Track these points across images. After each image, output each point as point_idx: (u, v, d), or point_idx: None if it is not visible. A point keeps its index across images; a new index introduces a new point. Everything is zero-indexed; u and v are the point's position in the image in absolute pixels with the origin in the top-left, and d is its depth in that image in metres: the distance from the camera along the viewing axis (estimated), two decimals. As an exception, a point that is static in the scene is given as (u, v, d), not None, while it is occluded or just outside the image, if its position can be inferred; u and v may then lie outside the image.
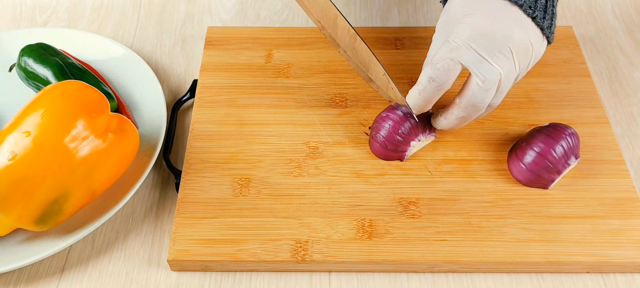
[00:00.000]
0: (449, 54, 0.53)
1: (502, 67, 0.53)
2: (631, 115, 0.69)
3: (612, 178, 0.60)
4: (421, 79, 0.55)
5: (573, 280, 0.56)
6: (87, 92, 0.56)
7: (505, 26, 0.53)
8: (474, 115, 0.56)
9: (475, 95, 0.54)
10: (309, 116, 0.66)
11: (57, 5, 0.82)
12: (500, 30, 0.53)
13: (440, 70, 0.53)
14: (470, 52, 0.53)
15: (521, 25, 0.54)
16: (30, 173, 0.52)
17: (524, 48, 0.54)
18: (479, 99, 0.54)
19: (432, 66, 0.54)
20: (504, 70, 0.53)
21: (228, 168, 0.61)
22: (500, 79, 0.53)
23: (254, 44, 0.73)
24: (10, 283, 0.56)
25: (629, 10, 0.81)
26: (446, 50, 0.54)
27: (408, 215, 0.57)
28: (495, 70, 0.53)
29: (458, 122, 0.57)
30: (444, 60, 0.53)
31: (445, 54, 0.53)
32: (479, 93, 0.54)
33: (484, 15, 0.54)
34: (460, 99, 0.55)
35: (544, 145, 0.58)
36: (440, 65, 0.53)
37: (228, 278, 0.56)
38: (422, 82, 0.55)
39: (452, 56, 0.53)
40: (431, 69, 0.54)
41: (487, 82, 0.53)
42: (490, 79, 0.53)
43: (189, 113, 0.70)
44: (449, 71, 0.53)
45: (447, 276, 0.56)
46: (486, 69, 0.53)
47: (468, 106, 0.55)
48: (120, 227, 0.60)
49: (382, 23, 0.80)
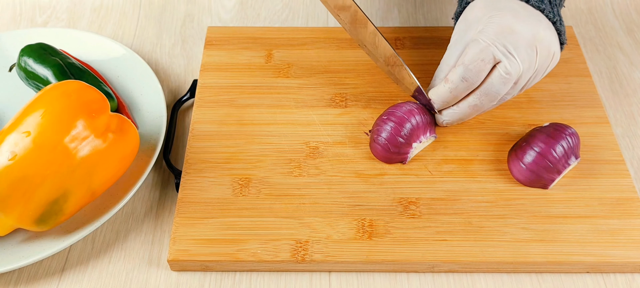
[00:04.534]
0: (480, 55, 0.55)
1: (523, 63, 0.56)
2: (631, 115, 0.69)
3: (612, 178, 0.60)
4: (452, 77, 0.57)
5: (573, 280, 0.56)
6: (87, 92, 0.56)
7: (531, 26, 0.56)
8: (487, 105, 0.58)
9: (494, 85, 0.56)
10: (309, 116, 0.66)
11: (57, 5, 0.82)
12: (527, 29, 0.56)
13: (472, 71, 0.56)
14: (500, 47, 0.55)
15: (545, 27, 0.57)
16: (30, 173, 0.52)
17: (547, 48, 0.57)
18: (496, 89, 0.56)
19: (465, 67, 0.56)
20: (525, 66, 0.56)
21: (228, 168, 0.61)
22: (520, 74, 0.56)
23: (254, 44, 0.73)
24: (10, 283, 0.56)
25: (629, 10, 0.81)
26: (477, 50, 0.56)
27: (408, 215, 0.57)
28: (517, 65, 0.55)
29: (469, 112, 0.59)
30: (476, 62, 0.56)
31: (476, 55, 0.56)
32: (498, 83, 0.56)
33: (511, 15, 0.56)
34: (483, 88, 0.57)
35: (544, 145, 0.58)
36: (473, 66, 0.56)
37: (228, 278, 0.56)
38: (453, 80, 0.57)
39: (483, 57, 0.55)
40: (464, 69, 0.56)
41: (509, 74, 0.55)
42: (513, 71, 0.55)
43: (189, 113, 0.70)
44: (480, 72, 0.56)
45: (447, 276, 0.56)
46: (511, 62, 0.55)
47: (483, 94, 0.57)
48: (120, 227, 0.60)
49: (382, 23, 0.80)
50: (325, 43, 0.73)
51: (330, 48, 0.72)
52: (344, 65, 0.71)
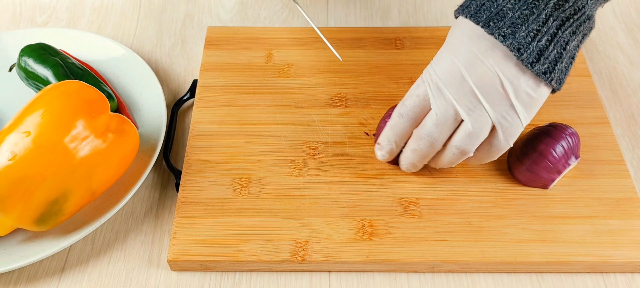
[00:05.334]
0: (416, 90, 0.54)
1: (462, 107, 0.51)
2: (631, 115, 0.69)
3: (612, 178, 0.60)
4: (392, 115, 0.56)
5: (573, 280, 0.56)
6: (87, 92, 0.56)
7: (480, 71, 0.51)
8: (426, 150, 0.55)
9: (426, 125, 0.54)
10: (309, 116, 0.66)
11: (57, 5, 0.82)
12: (475, 76, 0.51)
13: (407, 106, 0.55)
14: (433, 88, 0.53)
15: (503, 69, 0.50)
16: (30, 173, 0.52)
17: (499, 95, 0.51)
18: (427, 130, 0.53)
19: (402, 102, 0.55)
20: (465, 111, 0.51)
21: (228, 168, 0.61)
22: (454, 118, 0.52)
23: (254, 44, 0.73)
24: (10, 283, 0.56)
25: (629, 10, 0.81)
26: (414, 85, 0.55)
27: (408, 215, 0.57)
28: (449, 109, 0.52)
29: (413, 157, 0.56)
30: (411, 97, 0.54)
31: (412, 90, 0.55)
32: (430, 125, 0.53)
33: (465, 57, 0.51)
34: (416, 130, 0.55)
35: (544, 145, 0.58)
36: (408, 101, 0.55)
37: (228, 278, 0.56)
38: (392, 117, 0.56)
39: (418, 93, 0.54)
40: (400, 104, 0.55)
41: (440, 115, 0.52)
42: (444, 114, 0.52)
43: (189, 113, 0.70)
44: (416, 107, 0.54)
45: (447, 276, 0.56)
46: (441, 104, 0.52)
47: (420, 138, 0.55)
48: (120, 227, 0.60)
49: (382, 23, 0.80)
50: (325, 43, 0.73)
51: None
52: (344, 65, 0.71)
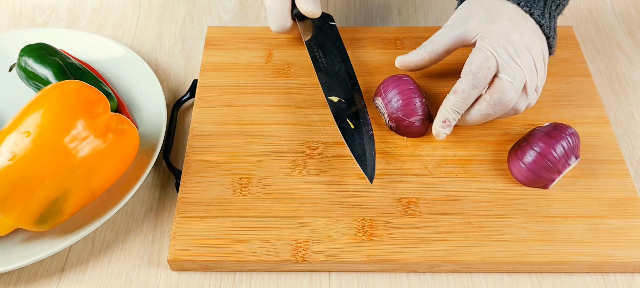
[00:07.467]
0: (486, 63, 0.58)
1: (526, 70, 0.58)
2: (631, 115, 0.69)
3: (612, 178, 0.60)
4: (463, 87, 0.58)
5: (573, 280, 0.56)
6: (87, 92, 0.56)
7: (526, 35, 0.59)
8: (498, 113, 0.59)
9: (506, 93, 0.58)
10: (309, 116, 0.66)
11: (57, 5, 0.82)
12: (525, 38, 0.59)
13: (480, 78, 0.58)
14: (503, 55, 0.58)
15: (540, 37, 0.61)
16: (30, 173, 0.52)
17: (542, 57, 0.60)
18: (508, 97, 0.58)
19: (474, 75, 0.58)
20: (528, 74, 0.58)
21: (228, 168, 0.61)
22: (525, 81, 0.58)
23: (254, 44, 0.73)
24: (10, 283, 0.56)
25: (629, 10, 0.81)
26: (482, 58, 0.58)
27: (408, 215, 0.57)
28: (521, 72, 0.58)
29: (480, 119, 0.60)
30: (483, 69, 0.58)
31: (483, 62, 0.58)
32: (510, 91, 0.58)
33: (510, 23, 0.60)
34: (491, 96, 0.58)
35: (544, 144, 0.58)
36: (481, 74, 0.58)
37: (228, 278, 0.56)
38: (465, 89, 0.58)
39: (489, 65, 0.58)
40: (473, 77, 0.58)
41: (516, 81, 0.58)
42: (519, 79, 0.58)
43: (189, 113, 0.70)
44: (487, 79, 0.58)
45: (447, 276, 0.56)
46: (515, 69, 0.58)
47: (497, 103, 0.58)
48: (120, 227, 0.60)
49: (382, 23, 0.80)
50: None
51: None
52: (344, 65, 0.71)
